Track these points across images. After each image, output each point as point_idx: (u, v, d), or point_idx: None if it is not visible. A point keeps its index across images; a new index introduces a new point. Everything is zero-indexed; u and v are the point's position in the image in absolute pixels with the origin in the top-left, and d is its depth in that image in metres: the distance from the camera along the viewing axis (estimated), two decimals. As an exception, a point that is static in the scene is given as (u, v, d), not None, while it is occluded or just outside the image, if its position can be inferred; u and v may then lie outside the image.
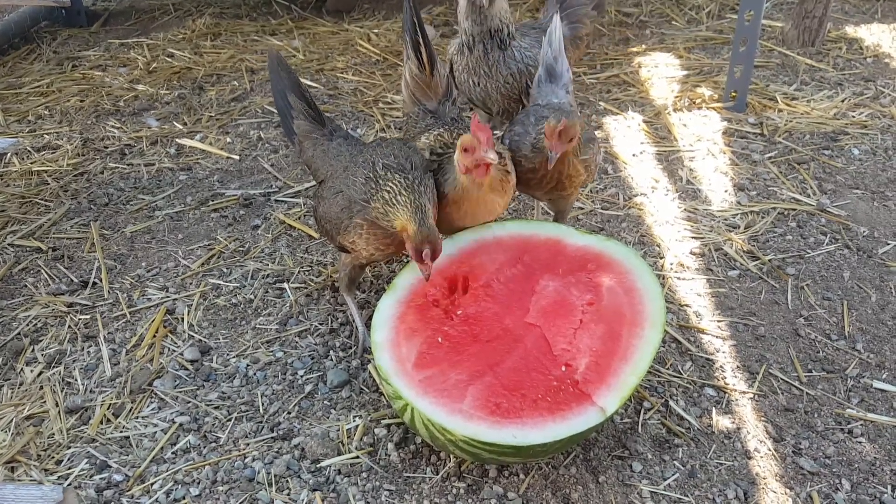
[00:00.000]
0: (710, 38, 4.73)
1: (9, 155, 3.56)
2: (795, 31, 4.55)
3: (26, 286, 2.92)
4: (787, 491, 2.07)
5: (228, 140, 3.84)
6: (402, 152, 2.31)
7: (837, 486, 2.09)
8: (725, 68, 4.13)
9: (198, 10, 5.50)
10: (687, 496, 2.06)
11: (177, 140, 3.84)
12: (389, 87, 4.32)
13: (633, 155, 3.60)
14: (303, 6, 5.49)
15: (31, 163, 3.69)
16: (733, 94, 3.91)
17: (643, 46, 4.68)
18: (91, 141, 3.88)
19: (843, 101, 3.98)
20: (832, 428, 2.26)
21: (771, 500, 2.04)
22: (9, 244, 3.16)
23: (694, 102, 4.00)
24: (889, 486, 2.09)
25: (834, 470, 2.13)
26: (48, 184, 3.56)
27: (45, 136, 3.94)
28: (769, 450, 2.19)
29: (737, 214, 3.16)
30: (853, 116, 3.85)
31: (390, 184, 2.17)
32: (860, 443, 2.21)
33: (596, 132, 3.78)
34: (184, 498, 2.09)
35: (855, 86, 4.14)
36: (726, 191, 3.32)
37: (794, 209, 3.18)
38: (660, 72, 4.36)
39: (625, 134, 3.77)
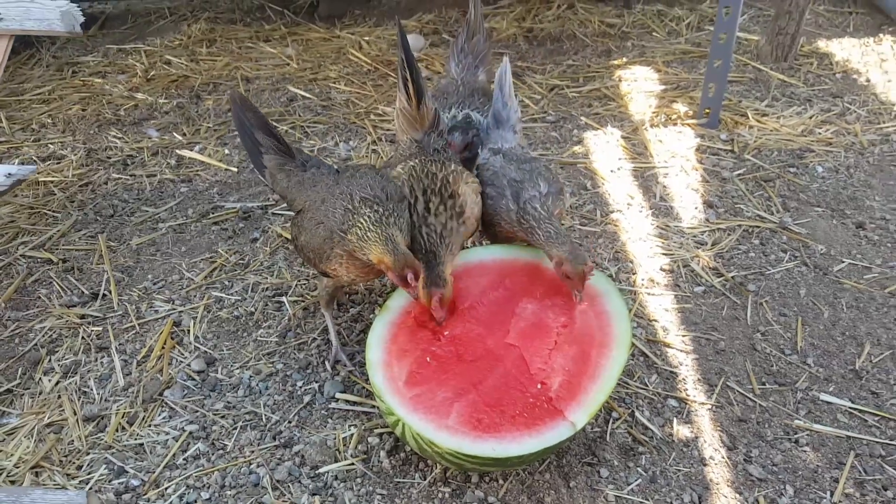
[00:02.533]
0: (688, 52, 4.94)
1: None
2: (769, 47, 4.76)
3: (40, 298, 3.11)
4: (737, 496, 2.32)
5: (226, 152, 4.02)
6: (378, 183, 2.48)
7: (782, 492, 2.34)
8: (701, 83, 4.34)
9: (193, 14, 5.65)
10: (648, 500, 2.30)
11: (177, 151, 4.02)
12: (380, 98, 4.50)
13: (611, 171, 3.81)
14: (295, 11, 5.65)
15: (38, 173, 3.86)
16: (707, 111, 4.13)
17: (624, 59, 4.89)
18: (94, 151, 4.05)
19: (810, 117, 4.21)
20: (780, 437, 2.50)
21: (722, 504, 2.29)
22: (21, 255, 3.34)
23: (670, 118, 4.22)
24: (828, 492, 2.34)
25: (780, 476, 2.38)
26: (55, 194, 3.73)
27: (50, 145, 4.11)
28: (723, 457, 2.43)
29: (705, 231, 3.39)
30: (819, 133, 4.08)
31: (362, 219, 2.34)
32: (805, 451, 2.46)
33: (577, 147, 4.00)
34: (195, 502, 2.31)
35: (823, 102, 4.37)
36: (696, 208, 3.55)
37: (759, 227, 3.41)
38: (639, 86, 4.57)
39: (604, 149, 3.98)
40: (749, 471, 2.39)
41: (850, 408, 2.59)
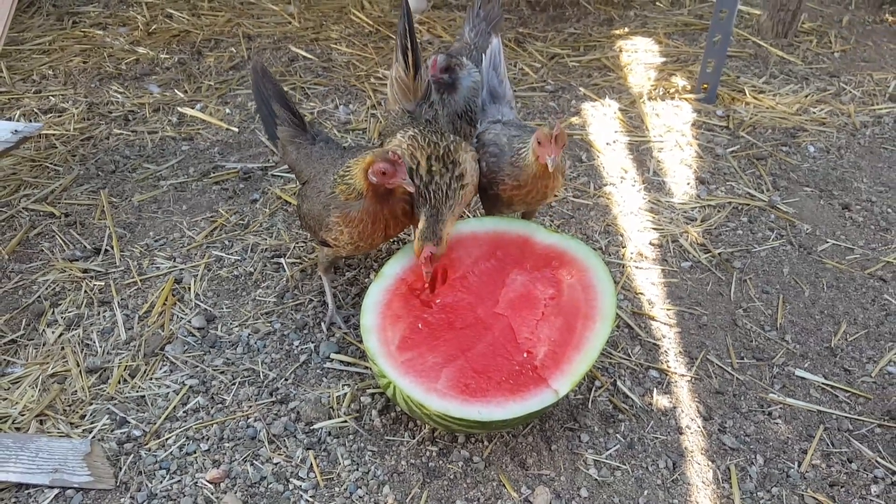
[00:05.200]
0: (690, 24, 4.95)
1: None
2: (770, 22, 4.78)
3: (43, 251, 3.18)
4: (710, 463, 2.44)
5: (227, 111, 4.06)
6: None
7: (752, 461, 2.46)
8: (701, 57, 4.37)
9: (195, -34, 5.59)
10: (624, 464, 2.43)
11: (178, 108, 4.05)
12: (381, 61, 4.51)
13: (607, 143, 3.87)
14: (298, -33, 5.60)
15: (40, 126, 3.90)
16: (704, 86, 4.17)
17: (625, 29, 4.89)
18: (96, 105, 4.08)
19: (806, 96, 4.26)
20: (755, 410, 2.62)
21: (695, 471, 2.42)
22: (24, 208, 3.40)
23: (668, 92, 4.26)
24: (796, 462, 2.47)
25: (751, 447, 2.50)
26: (56, 147, 3.78)
27: (51, 97, 4.13)
28: (698, 427, 2.55)
29: (695, 207, 3.47)
30: (814, 113, 4.13)
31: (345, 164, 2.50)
32: (777, 423, 2.58)
33: (574, 118, 4.05)
34: (195, 452, 2.42)
35: (820, 81, 4.41)
36: (688, 183, 3.62)
37: (748, 204, 3.49)
38: (639, 57, 4.59)
39: (601, 121, 4.03)
40: (722, 440, 2.51)
41: (822, 383, 2.71)
